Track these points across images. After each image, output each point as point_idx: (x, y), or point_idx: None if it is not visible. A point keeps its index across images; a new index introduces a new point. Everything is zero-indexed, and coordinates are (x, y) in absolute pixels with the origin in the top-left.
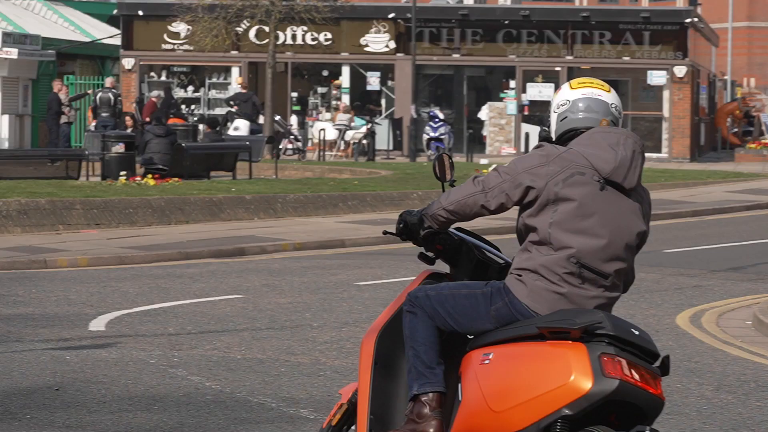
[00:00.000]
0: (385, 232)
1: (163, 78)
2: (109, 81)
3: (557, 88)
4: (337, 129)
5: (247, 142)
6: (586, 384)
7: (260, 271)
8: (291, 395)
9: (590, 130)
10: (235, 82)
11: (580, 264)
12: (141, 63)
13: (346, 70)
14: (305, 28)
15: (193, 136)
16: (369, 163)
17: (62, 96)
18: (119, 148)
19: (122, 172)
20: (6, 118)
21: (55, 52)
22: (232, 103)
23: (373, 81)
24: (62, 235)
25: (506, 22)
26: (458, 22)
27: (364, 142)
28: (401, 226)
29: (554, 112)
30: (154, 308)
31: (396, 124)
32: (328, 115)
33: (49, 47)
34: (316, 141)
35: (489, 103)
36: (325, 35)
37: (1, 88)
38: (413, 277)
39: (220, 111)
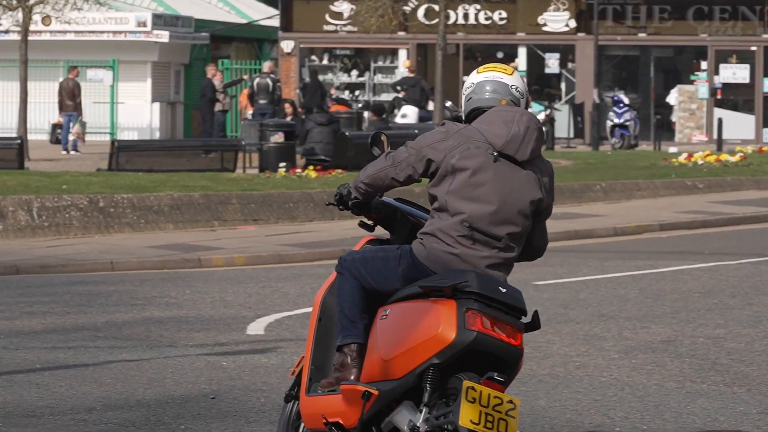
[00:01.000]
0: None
1: (325, 62)
2: (267, 65)
3: (752, 69)
4: None
5: (416, 131)
6: (451, 335)
7: None
8: None
9: (491, 108)
10: (403, 66)
11: (471, 227)
12: (301, 46)
13: (522, 52)
14: (478, 7)
15: (358, 125)
16: (548, 152)
17: (216, 82)
18: (278, 137)
19: (281, 164)
20: (157, 106)
21: (208, 35)
22: (399, 88)
23: (552, 63)
24: (217, 231)
25: None
26: None
27: (543, 129)
28: (336, 197)
29: (463, 94)
30: None
31: (577, 109)
32: None
33: (202, 30)
34: None
35: (678, 86)
36: (500, 14)
37: (152, 74)
38: (596, 276)
39: (386, 97)
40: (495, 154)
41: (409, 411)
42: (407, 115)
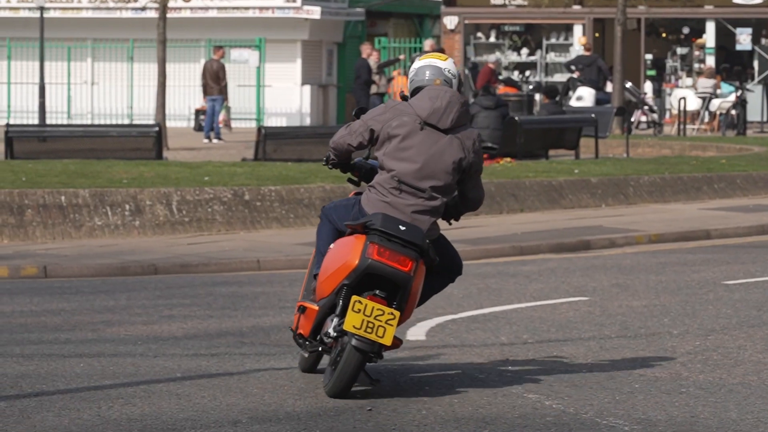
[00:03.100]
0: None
1: (492, 39)
2: (428, 44)
3: None
4: (700, 97)
5: (593, 115)
6: (355, 261)
7: (609, 268)
8: (647, 416)
9: (425, 87)
10: (578, 43)
11: (399, 181)
12: (465, 22)
13: (710, 27)
14: None
15: (528, 108)
16: (739, 138)
17: (372, 62)
18: None
19: None
20: (307, 89)
21: (364, 11)
22: (573, 68)
23: (744, 39)
24: None
25: None
26: None
27: (733, 112)
28: (324, 159)
29: (409, 78)
30: (483, 313)
31: None
32: (689, 81)
33: (357, 4)
34: (674, 112)
35: None
36: None
37: (302, 53)
38: None
39: (559, 78)
40: (420, 123)
41: (332, 321)
42: (583, 97)
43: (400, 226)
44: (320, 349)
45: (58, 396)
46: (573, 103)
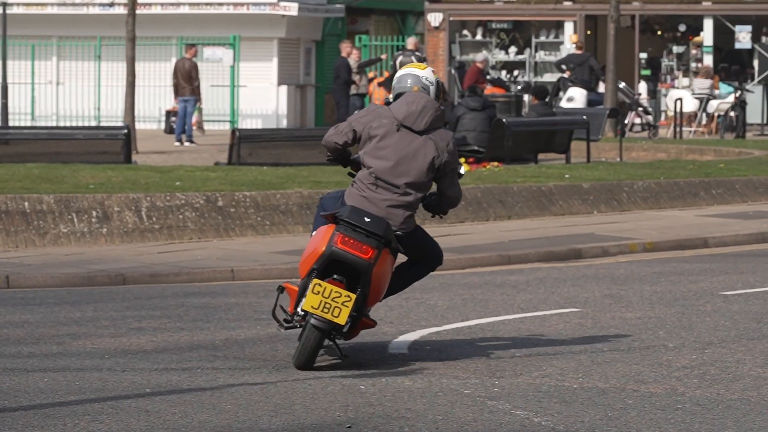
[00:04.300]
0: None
1: (479, 37)
2: (411, 42)
3: None
4: (697, 98)
5: (584, 116)
6: (322, 248)
7: (601, 278)
8: None
9: (404, 93)
10: (569, 41)
11: (376, 177)
12: (450, 19)
13: (708, 24)
14: None
15: (517, 110)
16: (738, 141)
17: (352, 61)
18: None
19: None
20: (284, 89)
21: (344, 7)
22: (564, 67)
23: (743, 37)
24: None
25: None
26: None
27: (732, 114)
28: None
29: (393, 85)
30: (469, 325)
31: None
32: (686, 81)
33: (337, 1)
34: (670, 114)
35: None
36: None
37: (278, 52)
38: None
39: (549, 78)
40: (397, 125)
41: (301, 302)
42: (574, 98)
43: (365, 218)
44: (297, 326)
45: (21, 413)
46: (563, 104)
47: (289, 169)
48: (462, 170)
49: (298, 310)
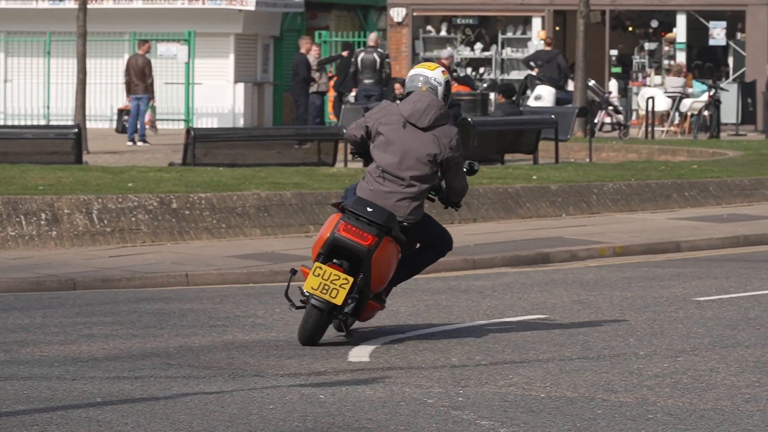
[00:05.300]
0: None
1: (443, 33)
2: (372, 38)
3: None
4: (669, 97)
5: (553, 116)
6: (326, 235)
7: (570, 283)
8: None
9: (413, 92)
10: (537, 38)
11: (383, 171)
12: (414, 14)
13: (681, 20)
14: None
15: (483, 109)
16: (712, 141)
17: (312, 58)
18: None
19: None
20: (241, 87)
21: (303, 2)
22: (532, 64)
23: (718, 34)
24: (313, 238)
25: None
26: None
27: (706, 113)
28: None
29: (405, 83)
30: (433, 332)
31: (747, 89)
32: (658, 80)
33: None
34: (642, 113)
35: None
36: None
37: (235, 48)
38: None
39: (517, 75)
40: (402, 122)
41: None
42: (542, 96)
43: (368, 208)
44: (307, 305)
45: None
46: (531, 102)
47: (246, 170)
48: (476, 167)
49: (304, 290)
